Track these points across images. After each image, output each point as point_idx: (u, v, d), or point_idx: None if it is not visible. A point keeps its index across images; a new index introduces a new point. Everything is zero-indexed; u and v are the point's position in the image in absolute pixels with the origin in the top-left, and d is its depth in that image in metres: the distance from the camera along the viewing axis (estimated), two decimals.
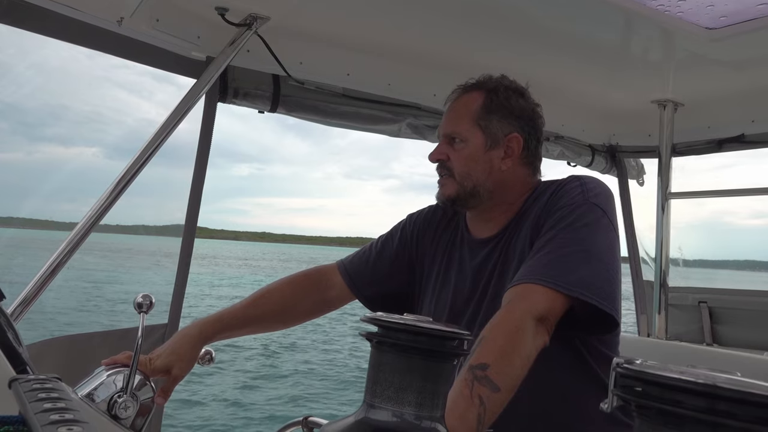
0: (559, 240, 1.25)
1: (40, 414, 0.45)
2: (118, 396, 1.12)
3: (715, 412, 0.41)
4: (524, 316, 1.13)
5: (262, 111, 2.07)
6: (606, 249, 1.26)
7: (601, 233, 1.27)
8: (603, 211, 1.30)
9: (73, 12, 1.61)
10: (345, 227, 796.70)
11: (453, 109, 1.48)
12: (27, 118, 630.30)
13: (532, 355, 1.11)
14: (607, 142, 2.92)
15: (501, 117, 1.42)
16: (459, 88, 1.50)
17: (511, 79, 1.48)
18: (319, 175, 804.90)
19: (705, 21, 1.79)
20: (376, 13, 1.87)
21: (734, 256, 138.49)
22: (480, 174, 1.41)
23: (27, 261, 10.64)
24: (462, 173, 1.42)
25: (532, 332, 1.12)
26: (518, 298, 1.18)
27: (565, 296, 1.17)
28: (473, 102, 1.44)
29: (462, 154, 1.42)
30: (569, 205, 1.30)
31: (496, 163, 1.42)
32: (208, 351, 1.42)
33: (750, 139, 2.50)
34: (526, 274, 1.22)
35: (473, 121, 1.42)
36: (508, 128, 1.42)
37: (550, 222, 1.30)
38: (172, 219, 1.95)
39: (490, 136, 1.41)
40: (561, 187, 1.37)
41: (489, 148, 1.41)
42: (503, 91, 1.44)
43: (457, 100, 1.48)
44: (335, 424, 0.62)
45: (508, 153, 1.42)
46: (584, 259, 1.22)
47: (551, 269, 1.20)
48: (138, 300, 1.20)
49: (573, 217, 1.28)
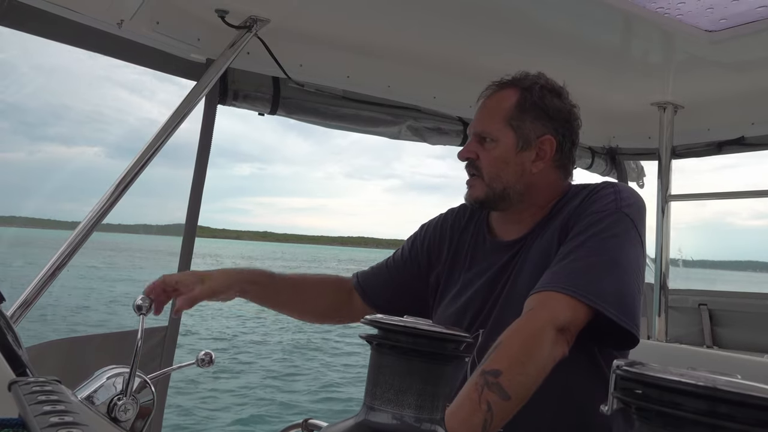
0: (586, 248, 1.22)
1: (40, 416, 0.45)
2: (117, 398, 1.12)
3: (716, 415, 0.41)
4: (545, 325, 1.10)
5: (262, 113, 2.07)
6: (632, 262, 1.23)
7: (629, 245, 1.24)
8: (633, 222, 1.27)
9: (73, 14, 1.61)
10: (346, 227, 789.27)
11: (485, 107, 1.43)
12: (28, 117, 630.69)
13: (549, 365, 1.08)
14: (606, 144, 2.92)
15: (534, 117, 1.37)
16: (493, 85, 1.45)
17: (548, 78, 1.43)
18: (320, 175, 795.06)
19: (705, 23, 1.79)
20: (376, 15, 1.87)
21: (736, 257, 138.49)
22: (510, 176, 1.37)
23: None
24: (491, 174, 1.38)
25: (551, 342, 1.09)
26: (540, 306, 1.16)
27: (588, 307, 1.15)
28: (506, 100, 1.39)
29: (492, 155, 1.38)
30: (601, 211, 1.27)
31: (527, 166, 1.37)
32: (208, 353, 1.42)
33: (750, 141, 2.50)
34: (550, 281, 1.19)
35: (505, 121, 1.37)
36: (541, 130, 1.37)
37: (579, 227, 1.27)
38: (179, 218, 1.95)
39: (522, 137, 1.37)
40: (594, 193, 1.33)
41: (520, 150, 1.37)
42: (538, 91, 1.39)
43: (491, 97, 1.43)
44: (335, 426, 0.62)
45: (540, 155, 1.38)
46: (610, 270, 1.19)
47: (576, 278, 1.17)
48: (137, 302, 1.20)
49: (603, 225, 1.25)
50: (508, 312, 1.25)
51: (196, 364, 1.40)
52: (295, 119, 2.13)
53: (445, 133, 2.41)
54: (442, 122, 2.39)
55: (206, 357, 1.41)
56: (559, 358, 1.11)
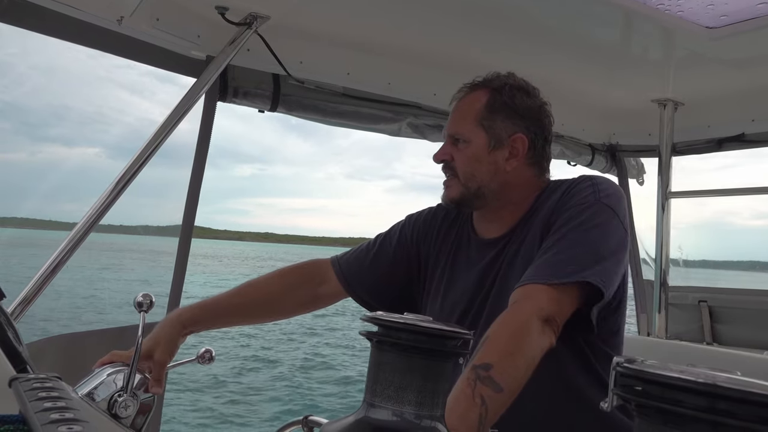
0: (568, 240, 1.24)
1: (41, 413, 0.45)
2: (118, 395, 1.12)
3: (715, 411, 0.41)
4: (530, 316, 1.12)
5: (262, 110, 2.07)
6: (615, 251, 1.25)
7: (611, 234, 1.27)
8: (614, 211, 1.29)
9: (73, 11, 1.61)
10: (347, 227, 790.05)
11: (457, 109, 1.46)
12: (30, 118, 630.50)
13: (537, 356, 1.09)
14: (607, 141, 2.92)
15: (505, 117, 1.40)
16: (465, 87, 1.48)
17: (518, 77, 1.45)
18: (321, 176, 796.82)
19: (705, 20, 1.79)
20: (377, 13, 1.87)
21: (737, 257, 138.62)
22: (484, 175, 1.40)
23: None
24: (466, 174, 1.40)
25: (538, 333, 1.10)
26: (524, 298, 1.17)
27: (572, 296, 1.17)
28: (477, 101, 1.42)
29: (465, 155, 1.41)
30: (580, 204, 1.29)
31: (501, 164, 1.40)
32: (208, 350, 1.42)
33: (750, 138, 2.50)
34: (533, 274, 1.21)
35: (476, 121, 1.40)
36: (512, 128, 1.40)
37: (560, 221, 1.29)
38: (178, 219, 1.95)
39: (494, 136, 1.39)
40: (572, 187, 1.35)
41: (493, 149, 1.40)
42: (508, 90, 1.41)
43: (462, 99, 1.46)
44: (335, 423, 0.62)
45: (512, 153, 1.40)
46: (592, 260, 1.21)
47: (559, 269, 1.19)
48: (138, 299, 1.20)
49: (583, 217, 1.27)
50: (500, 309, 1.26)
51: (197, 360, 1.40)
52: (295, 116, 2.13)
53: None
54: (442, 119, 2.39)
55: (206, 354, 1.41)
56: (547, 348, 1.12)
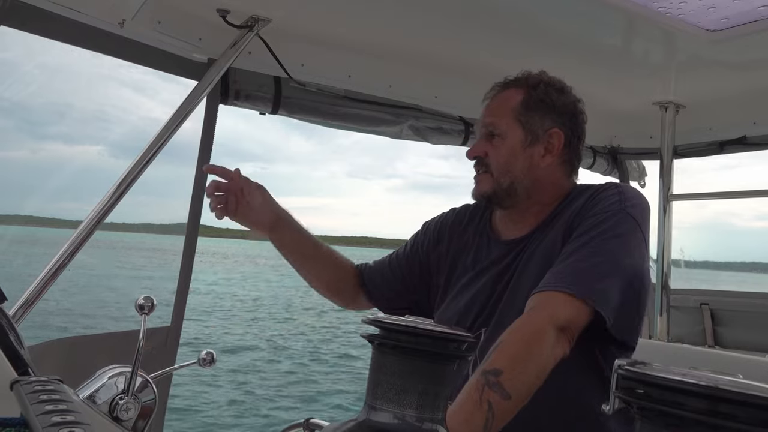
0: (589, 248, 1.22)
1: (42, 416, 0.46)
2: (119, 398, 1.12)
3: (717, 415, 0.41)
4: (546, 324, 1.11)
5: (264, 113, 2.07)
6: (635, 263, 1.24)
7: (632, 246, 1.25)
8: (637, 223, 1.27)
9: (75, 14, 1.61)
10: (349, 226, 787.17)
11: (491, 106, 1.44)
12: (32, 116, 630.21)
13: (550, 364, 1.08)
14: (608, 143, 2.92)
15: (543, 113, 1.39)
16: (497, 85, 1.46)
17: (550, 75, 1.45)
18: (322, 174, 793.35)
19: (706, 23, 1.79)
20: (378, 15, 1.87)
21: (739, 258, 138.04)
22: (518, 170, 1.38)
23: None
24: (500, 168, 1.39)
25: (552, 341, 1.09)
26: (541, 306, 1.16)
27: (589, 308, 1.15)
28: (512, 98, 1.41)
29: (501, 149, 1.39)
30: (604, 212, 1.27)
31: (536, 160, 1.39)
32: (210, 352, 1.42)
33: (752, 140, 2.50)
34: (551, 281, 1.19)
35: (513, 117, 1.39)
36: (549, 124, 1.39)
37: (582, 227, 1.27)
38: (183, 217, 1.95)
39: (531, 132, 1.38)
40: (598, 193, 1.34)
41: (529, 144, 1.38)
42: (543, 87, 1.41)
43: (496, 96, 1.45)
44: (337, 426, 0.62)
45: (548, 149, 1.39)
46: (612, 272, 1.20)
47: (578, 278, 1.17)
48: (140, 302, 1.20)
49: (606, 226, 1.25)
50: (511, 311, 1.25)
51: (198, 363, 1.40)
52: (297, 119, 2.13)
53: (446, 132, 2.41)
54: (443, 122, 2.39)
55: (208, 356, 1.41)
56: (560, 357, 1.11)
